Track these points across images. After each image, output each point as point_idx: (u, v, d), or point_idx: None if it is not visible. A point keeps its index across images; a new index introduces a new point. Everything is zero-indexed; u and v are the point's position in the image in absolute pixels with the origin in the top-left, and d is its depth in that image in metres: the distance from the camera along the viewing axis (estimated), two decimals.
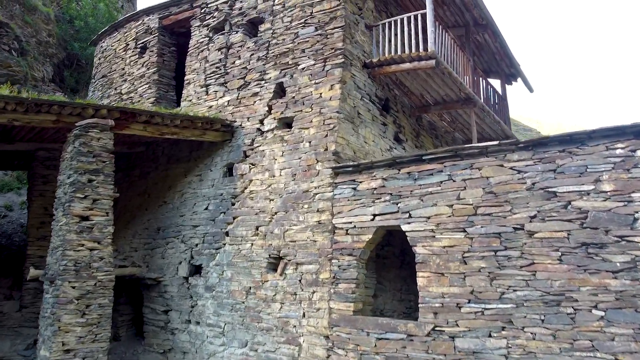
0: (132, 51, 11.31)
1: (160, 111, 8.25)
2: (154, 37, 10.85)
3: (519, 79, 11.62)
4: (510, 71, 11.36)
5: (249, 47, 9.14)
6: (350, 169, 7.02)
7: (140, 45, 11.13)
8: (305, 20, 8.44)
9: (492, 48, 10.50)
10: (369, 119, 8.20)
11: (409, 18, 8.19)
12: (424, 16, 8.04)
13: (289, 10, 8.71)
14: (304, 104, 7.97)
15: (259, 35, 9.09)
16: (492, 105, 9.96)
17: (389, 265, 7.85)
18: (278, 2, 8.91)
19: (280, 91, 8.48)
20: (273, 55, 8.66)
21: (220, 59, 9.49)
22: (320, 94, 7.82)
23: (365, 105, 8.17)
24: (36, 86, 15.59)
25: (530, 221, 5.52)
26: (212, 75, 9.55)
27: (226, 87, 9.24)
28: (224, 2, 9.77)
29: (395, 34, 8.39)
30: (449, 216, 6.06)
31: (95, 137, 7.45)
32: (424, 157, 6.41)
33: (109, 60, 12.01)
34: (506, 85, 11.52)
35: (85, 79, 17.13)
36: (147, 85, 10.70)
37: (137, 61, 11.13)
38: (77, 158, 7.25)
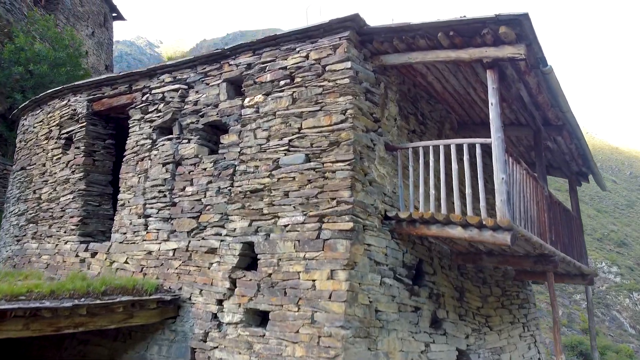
0: (56, 142, 8.12)
1: (54, 300, 5.06)
2: (81, 126, 7.67)
3: (590, 176, 8.45)
4: (581, 170, 8.19)
5: (205, 169, 5.97)
6: None
7: (65, 135, 7.95)
8: (291, 140, 5.28)
9: (564, 149, 7.34)
10: (393, 314, 5.01)
11: (459, 147, 5.02)
12: (485, 145, 4.87)
13: (266, 119, 5.54)
14: (285, 294, 4.80)
15: (220, 151, 5.93)
16: (566, 241, 6.77)
17: None
18: (249, 102, 5.75)
19: (250, 254, 5.32)
20: (240, 192, 5.50)
21: (165, 179, 6.33)
22: (314, 281, 4.66)
23: (388, 292, 4.99)
24: None
25: None
26: (153, 201, 6.38)
27: (172, 224, 6.08)
28: (172, 90, 6.60)
29: (436, 161, 5.22)
30: None
31: None
32: None
33: (30, 148, 8.83)
34: (576, 186, 8.33)
35: None
36: (71, 196, 7.51)
37: (60, 157, 7.95)
38: None
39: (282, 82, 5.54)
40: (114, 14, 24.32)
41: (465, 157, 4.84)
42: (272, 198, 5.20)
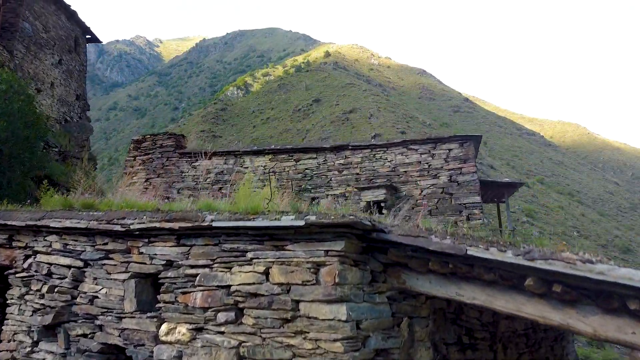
0: None
1: None
2: None
3: None
4: None
5: None
6: None
7: None
8: None
9: None
10: None
11: None
12: None
13: None
14: None
15: None
16: None
17: None
18: (167, 336, 3.24)
19: None
20: None
21: None
22: None
23: None
24: None
25: None
26: None
27: None
28: (62, 265, 4.09)
29: None
30: None
31: None
32: None
33: None
34: None
35: None
36: None
37: None
38: None
39: (221, 316, 3.02)
40: (87, 36, 21.73)
41: None
42: None
